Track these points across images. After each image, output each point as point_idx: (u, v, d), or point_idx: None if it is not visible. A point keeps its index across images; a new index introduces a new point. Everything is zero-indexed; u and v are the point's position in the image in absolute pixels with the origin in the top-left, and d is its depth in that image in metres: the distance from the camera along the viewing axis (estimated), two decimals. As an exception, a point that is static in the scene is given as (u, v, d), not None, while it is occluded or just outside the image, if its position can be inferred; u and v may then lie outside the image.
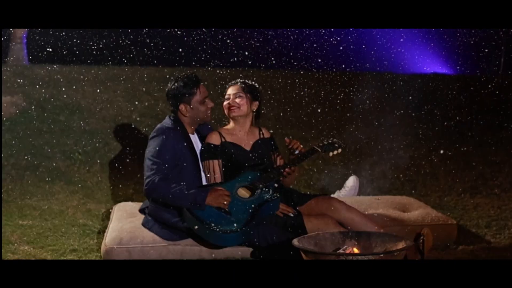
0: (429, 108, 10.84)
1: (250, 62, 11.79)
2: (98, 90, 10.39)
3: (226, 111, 5.55)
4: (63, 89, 10.19)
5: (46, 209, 6.97)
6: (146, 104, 10.20)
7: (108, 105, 9.98)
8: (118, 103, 10.10)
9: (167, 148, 5.18)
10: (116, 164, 8.56)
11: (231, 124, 5.59)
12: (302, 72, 12.43)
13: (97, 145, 9.04)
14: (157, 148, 5.18)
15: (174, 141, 5.25)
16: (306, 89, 11.25)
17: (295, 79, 11.71)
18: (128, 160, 8.57)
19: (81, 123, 9.47)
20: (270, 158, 5.58)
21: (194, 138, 5.53)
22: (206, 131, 5.65)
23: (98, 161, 8.68)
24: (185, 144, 5.33)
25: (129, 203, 6.38)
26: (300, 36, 12.80)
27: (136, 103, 10.20)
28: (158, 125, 5.40)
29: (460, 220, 6.71)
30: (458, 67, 15.08)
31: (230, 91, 5.55)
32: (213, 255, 5.19)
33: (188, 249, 5.21)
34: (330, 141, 5.73)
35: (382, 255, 4.21)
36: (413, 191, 7.92)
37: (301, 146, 5.49)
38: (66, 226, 6.39)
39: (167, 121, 5.42)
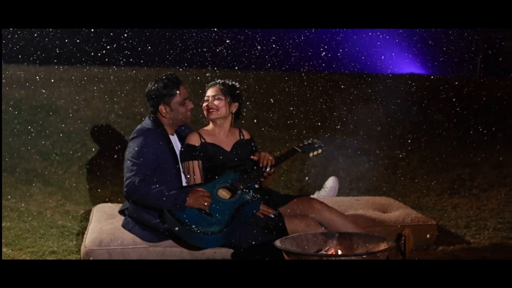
0: (407, 108, 10.87)
1: (229, 63, 11.77)
2: (74, 91, 10.33)
3: (205, 113, 5.53)
4: (39, 89, 10.12)
5: (24, 210, 6.92)
6: (123, 104, 10.15)
7: (85, 106, 9.92)
8: (94, 103, 10.05)
9: (147, 149, 5.15)
10: (94, 165, 8.52)
11: (211, 125, 5.57)
12: (279, 73, 12.44)
13: (74, 146, 8.97)
14: (137, 149, 5.14)
15: (154, 142, 5.22)
16: (283, 90, 11.25)
17: (273, 80, 11.72)
18: (105, 161, 8.53)
19: (58, 124, 9.40)
20: (250, 159, 5.55)
21: (174, 139, 5.51)
22: (186, 132, 5.63)
23: (76, 162, 8.62)
24: (165, 145, 5.31)
25: (109, 204, 6.33)
26: (278, 36, 12.78)
27: (113, 103, 10.15)
28: (138, 126, 5.36)
29: (440, 220, 6.74)
30: (435, 68, 15.15)
31: (209, 92, 5.52)
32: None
33: (168, 251, 5.19)
34: (310, 142, 5.74)
35: (365, 256, 4.21)
36: (391, 192, 7.94)
37: (271, 158, 5.38)
38: (44, 227, 6.36)
39: (147, 122, 5.39)
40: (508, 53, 14.24)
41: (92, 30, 11.53)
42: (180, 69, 11.27)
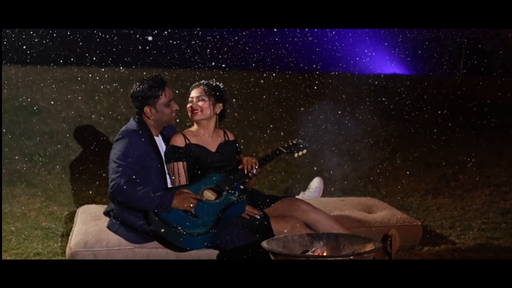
0: (390, 109, 10.89)
1: (213, 63, 11.75)
2: (57, 91, 10.27)
3: (189, 114, 5.50)
4: (22, 90, 10.06)
5: (8, 212, 6.88)
6: (106, 105, 10.11)
7: (68, 107, 9.87)
8: (77, 104, 10.00)
9: (132, 150, 5.12)
10: (77, 166, 8.47)
11: (195, 126, 5.54)
12: (263, 74, 12.43)
13: (57, 147, 8.93)
14: (122, 151, 5.11)
15: (139, 143, 5.19)
16: (268, 91, 11.24)
17: (257, 81, 11.70)
18: (89, 162, 8.49)
19: (41, 124, 9.35)
20: (235, 160, 5.54)
21: (159, 141, 5.48)
22: (170, 133, 5.61)
23: (59, 163, 8.58)
24: (150, 146, 5.28)
25: (93, 205, 6.29)
26: (262, 36, 12.78)
27: (96, 104, 10.11)
28: (123, 127, 5.33)
29: (424, 221, 6.75)
30: (418, 68, 15.19)
31: (193, 93, 5.49)
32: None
33: (154, 252, 5.16)
34: (295, 142, 5.73)
35: (351, 257, 4.20)
36: (376, 192, 7.95)
37: (254, 161, 5.33)
38: (28, 229, 6.32)
39: (132, 123, 5.35)
40: (491, 53, 14.31)
41: (73, 30, 11.46)
42: (165, 70, 11.24)
